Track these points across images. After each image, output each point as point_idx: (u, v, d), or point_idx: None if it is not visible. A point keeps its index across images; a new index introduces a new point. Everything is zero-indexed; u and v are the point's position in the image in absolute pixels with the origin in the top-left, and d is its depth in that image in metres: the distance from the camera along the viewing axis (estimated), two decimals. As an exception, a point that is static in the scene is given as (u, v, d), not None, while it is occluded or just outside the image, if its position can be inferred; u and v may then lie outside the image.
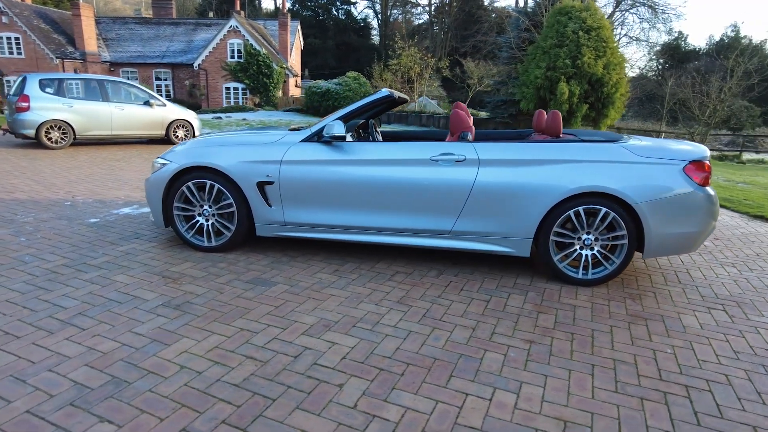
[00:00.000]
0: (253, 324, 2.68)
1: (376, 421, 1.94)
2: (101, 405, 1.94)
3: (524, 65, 14.89)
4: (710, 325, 2.95)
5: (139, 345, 2.41)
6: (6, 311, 2.68)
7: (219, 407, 1.97)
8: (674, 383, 2.31)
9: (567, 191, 3.27)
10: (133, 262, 3.51)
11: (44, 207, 4.93)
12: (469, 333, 2.70)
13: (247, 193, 3.64)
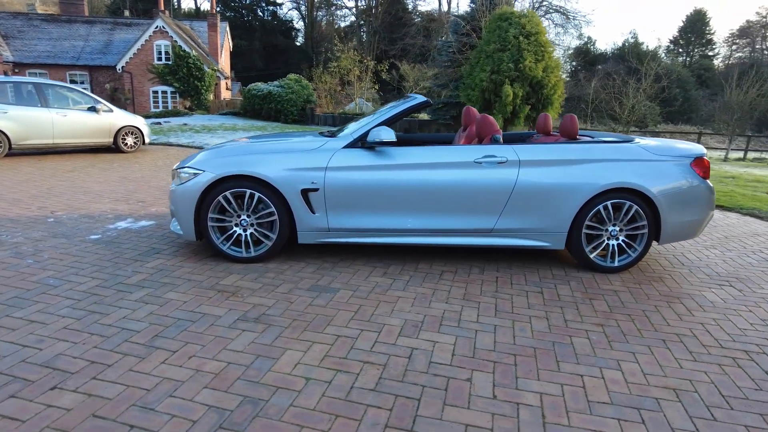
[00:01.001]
0: (345, 330, 2.69)
1: (522, 408, 2.06)
2: (254, 425, 1.89)
3: (468, 69, 15.55)
4: (729, 299, 3.39)
5: (246, 362, 2.34)
6: (75, 339, 2.47)
7: (373, 413, 2.00)
8: (734, 349, 2.66)
9: (598, 188, 3.59)
10: (175, 279, 3.33)
11: (26, 225, 4.47)
12: (545, 322, 2.90)
13: (291, 200, 3.58)
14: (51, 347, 2.39)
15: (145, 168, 8.11)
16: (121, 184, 6.60)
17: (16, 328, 2.56)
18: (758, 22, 52.67)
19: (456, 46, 17.40)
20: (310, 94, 19.87)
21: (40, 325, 2.60)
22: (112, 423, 1.86)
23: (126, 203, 5.52)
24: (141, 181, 6.93)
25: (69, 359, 2.29)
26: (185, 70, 22.69)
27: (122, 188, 6.34)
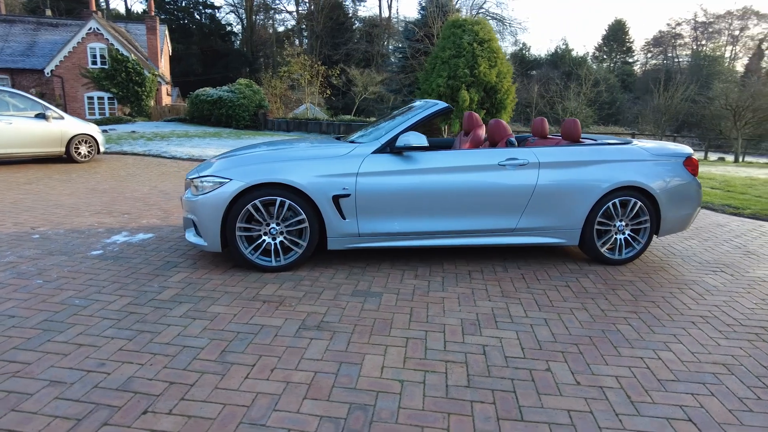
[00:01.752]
0: (410, 332, 2.74)
1: (607, 390, 2.22)
2: (374, 430, 1.91)
3: (424, 74, 15.92)
4: (726, 283, 3.78)
5: (331, 369, 2.33)
6: (139, 360, 2.34)
7: (479, 407, 2.07)
8: (753, 326, 2.98)
9: (609, 186, 3.87)
10: (211, 292, 3.21)
11: (10, 243, 4.10)
12: (585, 313, 3.09)
13: (322, 207, 3.56)
14: (118, 370, 2.25)
15: (108, 178, 7.63)
16: (93, 196, 6.19)
17: (67, 352, 2.39)
18: (669, 33, 57.84)
19: (409, 52, 17.75)
20: (262, 99, 19.44)
21: (92, 348, 2.44)
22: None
23: (110, 216, 5.19)
24: (113, 192, 6.53)
25: (145, 381, 2.17)
26: (124, 74, 21.45)
27: (96, 200, 5.95)
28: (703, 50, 51.76)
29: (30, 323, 2.68)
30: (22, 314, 2.78)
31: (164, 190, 6.88)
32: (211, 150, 11.56)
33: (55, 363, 2.29)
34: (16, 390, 2.07)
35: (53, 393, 2.06)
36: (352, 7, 44.90)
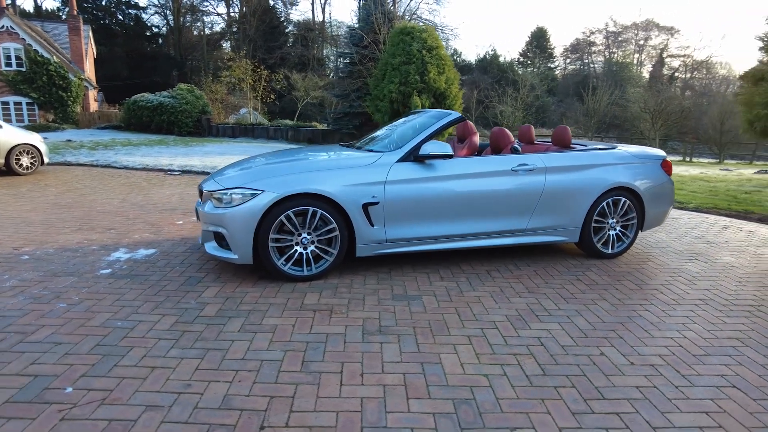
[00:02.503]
0: (467, 330, 2.91)
1: (658, 366, 2.52)
2: (487, 419, 2.06)
3: (374, 80, 16.14)
4: (705, 269, 4.31)
5: (416, 370, 2.45)
6: (225, 378, 2.33)
7: (564, 392, 2.28)
8: (746, 303, 3.45)
9: (604, 187, 4.28)
10: (257, 305, 3.19)
11: (0, 265, 3.79)
12: (606, 303, 3.43)
13: (352, 215, 3.64)
14: (209, 390, 2.23)
15: (65, 191, 7.11)
16: (61, 211, 5.77)
17: (143, 376, 2.31)
18: (584, 40, 62.47)
19: (357, 57, 17.91)
20: (205, 105, 18.70)
21: (167, 370, 2.38)
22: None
23: (94, 232, 4.90)
24: (79, 206, 6.12)
25: (244, 398, 2.17)
26: (45, 78, 19.74)
27: (68, 216, 5.56)
28: (615, 57, 56.45)
29: (83, 349, 2.55)
30: (68, 340, 2.63)
31: (136, 202, 6.54)
32: (165, 159, 11.03)
33: (139, 387, 2.22)
34: (115, 417, 2.00)
35: (157, 417, 2.01)
36: (284, 10, 44.29)
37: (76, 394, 2.15)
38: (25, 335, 2.67)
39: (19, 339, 2.63)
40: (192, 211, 6.10)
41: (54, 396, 2.13)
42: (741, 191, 9.00)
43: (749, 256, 4.80)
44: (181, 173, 9.64)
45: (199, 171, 9.77)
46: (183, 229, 5.17)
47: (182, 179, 8.84)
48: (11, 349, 2.52)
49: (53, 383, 2.22)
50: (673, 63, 55.83)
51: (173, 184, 8.18)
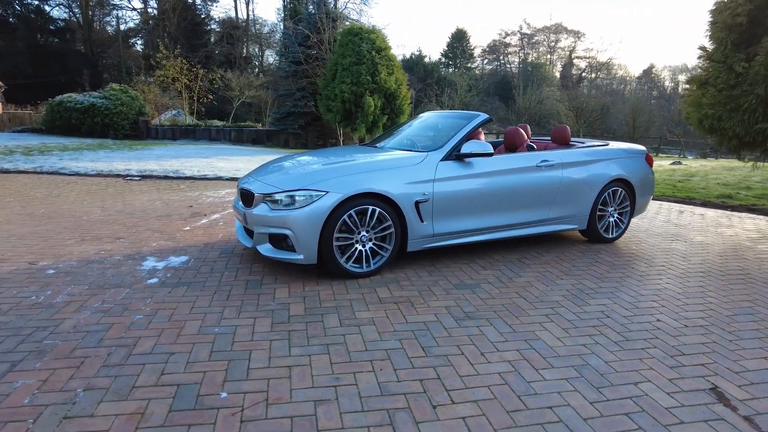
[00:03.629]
0: (544, 310, 3.23)
1: (740, 323, 3.02)
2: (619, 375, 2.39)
3: (324, 80, 16.13)
4: (687, 248, 5.00)
5: (528, 346, 2.72)
6: (366, 368, 2.45)
7: (656, 350, 2.67)
8: (738, 274, 4.11)
9: (607, 179, 4.82)
10: (336, 301, 3.28)
11: (31, 281, 3.52)
12: (635, 279, 3.92)
13: (406, 212, 3.83)
14: (361, 380, 2.35)
15: (28, 201, 6.51)
16: (43, 223, 5.32)
17: (285, 375, 2.37)
18: (501, 42, 66.10)
19: (302, 57, 17.76)
20: (141, 106, 17.49)
21: (305, 367, 2.45)
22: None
23: (103, 242, 4.63)
24: (59, 216, 5.67)
25: (397, 384, 2.32)
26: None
27: (57, 227, 5.16)
28: (530, 58, 60.33)
29: (201, 357, 2.53)
30: (178, 349, 2.60)
31: (120, 210, 6.17)
32: (118, 163, 10.33)
33: (292, 386, 2.28)
34: (292, 414, 2.07)
35: (332, 409, 2.11)
36: (204, 8, 42.39)
37: (234, 398, 2.17)
38: (129, 348, 2.59)
39: (126, 352, 2.55)
40: (191, 216, 5.91)
41: (214, 401, 2.14)
42: (675, 180, 10.27)
43: (713, 235, 5.62)
44: (142, 178, 9.13)
45: (160, 176, 9.30)
46: (197, 234, 5.03)
47: (148, 184, 8.39)
48: (126, 362, 2.45)
49: (203, 390, 2.22)
50: (580, 64, 60.98)
51: (143, 190, 7.76)
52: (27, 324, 2.83)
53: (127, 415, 2.01)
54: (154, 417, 2.01)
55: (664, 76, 56.70)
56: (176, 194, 7.46)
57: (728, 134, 6.32)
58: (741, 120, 6.06)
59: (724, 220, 6.43)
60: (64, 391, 2.17)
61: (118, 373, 2.34)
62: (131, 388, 2.21)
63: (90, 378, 2.28)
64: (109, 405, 2.08)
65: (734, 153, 7.12)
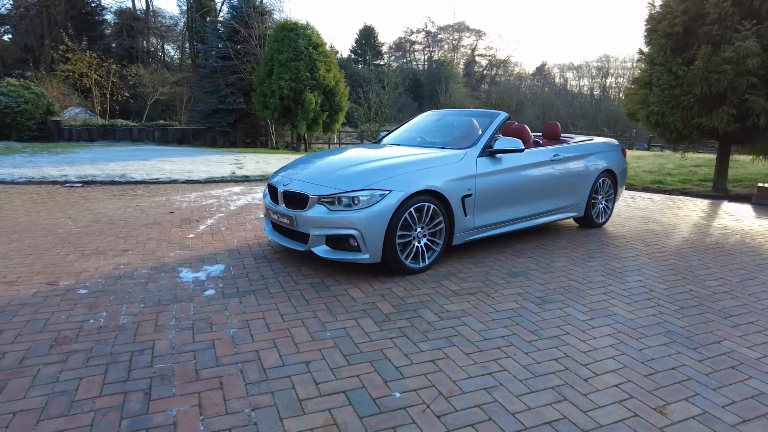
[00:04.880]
0: (596, 289, 3.58)
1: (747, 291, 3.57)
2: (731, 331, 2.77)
3: (259, 76, 15.52)
4: (662, 228, 5.73)
5: (611, 321, 3.03)
6: (509, 354, 2.59)
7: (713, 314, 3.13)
8: (719, 246, 4.83)
9: (599, 170, 5.37)
10: (418, 297, 3.36)
11: (72, 303, 3.14)
12: (648, 258, 4.45)
13: (454, 207, 3.98)
14: (510, 365, 2.49)
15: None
16: (14, 240, 4.68)
17: (435, 369, 2.43)
18: (406, 39, 67.90)
19: (232, 52, 16.95)
20: (50, 104, 15.43)
21: (448, 360, 2.52)
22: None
23: (112, 256, 4.21)
24: (29, 231, 5.01)
25: (551, 363, 2.50)
26: None
27: (38, 243, 4.57)
28: (436, 56, 62.71)
29: (337, 361, 2.49)
30: (309, 357, 2.53)
31: (96, 219, 5.58)
32: (50, 169, 9.16)
33: (453, 377, 2.35)
34: (484, 402, 2.16)
35: (516, 390, 2.23)
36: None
37: (409, 396, 2.19)
38: (255, 362, 2.47)
39: (257, 367, 2.43)
40: (182, 223, 5.53)
41: (394, 402, 2.15)
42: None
43: (673, 215, 6.47)
44: (85, 184, 8.23)
45: (106, 181, 8.46)
46: (208, 242, 4.76)
47: (98, 191, 7.61)
48: (268, 377, 2.34)
49: (373, 393, 2.22)
50: (482, 62, 64.71)
51: (98, 197, 7.03)
52: (115, 350, 2.57)
53: (323, 428, 1.97)
54: (350, 426, 1.98)
55: (555, 73, 61.88)
56: (141, 200, 6.88)
57: (670, 128, 7.29)
58: (681, 116, 7.03)
59: (671, 203, 7.40)
60: (233, 414, 2.05)
61: (269, 388, 2.24)
62: (299, 402, 2.14)
63: (245, 397, 2.17)
64: (295, 421, 2.01)
65: (673, 144, 8.18)
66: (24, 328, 2.79)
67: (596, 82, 55.31)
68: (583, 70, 56.97)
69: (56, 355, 2.50)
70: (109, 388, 2.20)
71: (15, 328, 2.80)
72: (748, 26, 6.20)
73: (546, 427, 1.99)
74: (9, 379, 2.27)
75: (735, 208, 7.04)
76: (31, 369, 2.36)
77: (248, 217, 5.95)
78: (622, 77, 52.60)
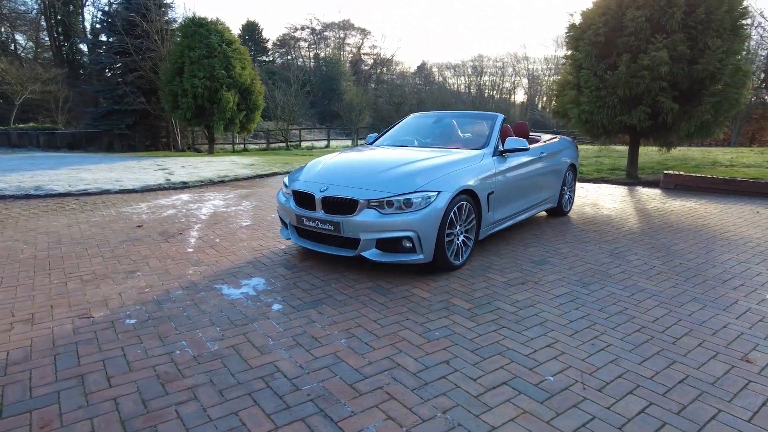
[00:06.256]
0: (617, 269, 4.09)
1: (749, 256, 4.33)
2: (726, 305, 3.37)
3: (167, 74, 14.23)
4: (618, 212, 6.59)
5: (647, 295, 3.52)
6: (623, 332, 2.90)
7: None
8: (680, 226, 5.73)
9: (567, 165, 6.02)
10: (481, 290, 3.55)
11: (127, 336, 2.80)
12: (630, 236, 5.14)
13: (483, 205, 4.24)
14: (644, 351, 2.80)
15: None
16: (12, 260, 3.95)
17: (561, 351, 2.67)
18: (291, 36, 66.54)
19: (131, 48, 15.32)
20: None
21: (567, 346, 2.77)
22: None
23: (122, 280, 3.75)
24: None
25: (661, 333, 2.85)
26: None
27: (15, 270, 3.89)
28: (323, 54, 62.46)
29: (470, 358, 2.60)
30: (443, 357, 2.59)
31: (54, 239, 4.85)
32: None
33: (593, 362, 2.60)
34: (639, 373, 2.43)
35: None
36: None
37: (562, 378, 2.40)
38: (398, 369, 2.48)
39: (405, 374, 2.43)
40: (164, 236, 5.06)
41: (553, 385, 2.33)
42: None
43: (615, 201, 7.44)
44: (-7, 201, 7.01)
45: (20, 195, 7.28)
46: (217, 255, 4.45)
47: (21, 207, 6.54)
48: (425, 381, 2.37)
49: (529, 380, 2.37)
50: (368, 60, 65.90)
51: (24, 214, 6.07)
52: (241, 378, 2.39)
53: (518, 417, 2.09)
54: (539, 411, 2.13)
55: (434, 72, 65.16)
56: (87, 215, 6.11)
57: (597, 125, 8.34)
58: (606, 114, 8.10)
59: (602, 191, 8.46)
60: (430, 420, 2.07)
61: (438, 390, 2.28)
62: (477, 398, 2.23)
63: (425, 402, 2.19)
64: (489, 416, 2.10)
65: (597, 139, 9.33)
66: (108, 369, 2.45)
67: (472, 80, 59.58)
68: (460, 69, 60.94)
69: (179, 393, 2.26)
70: (280, 418, 2.07)
71: (95, 370, 2.44)
72: (659, 39, 7.36)
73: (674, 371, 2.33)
74: (155, 425, 2.02)
75: (652, 192, 8.29)
76: (168, 412, 2.11)
77: (232, 226, 5.61)
78: (495, 75, 57.50)
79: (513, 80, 57.61)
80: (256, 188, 8.70)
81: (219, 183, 9.29)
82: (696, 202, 7.30)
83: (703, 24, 7.30)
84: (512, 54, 66.46)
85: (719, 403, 2.21)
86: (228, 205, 6.98)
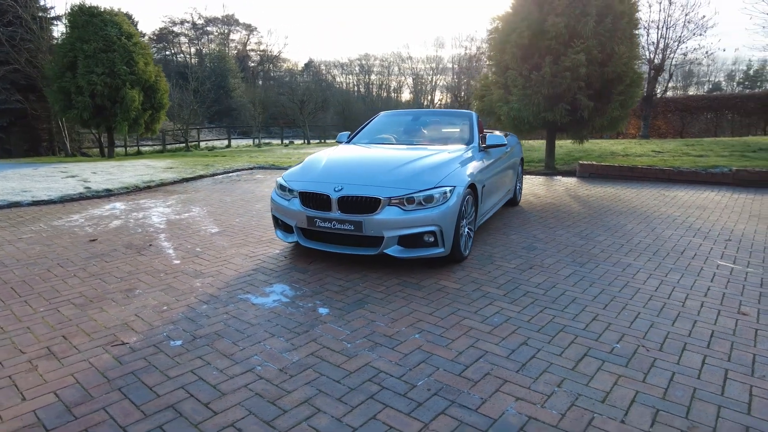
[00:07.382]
0: (597, 250, 4.61)
1: (666, 238, 5.08)
2: None
3: (56, 69, 12.41)
4: (554, 199, 7.31)
5: (658, 274, 4.06)
6: (678, 304, 3.29)
7: (679, 254, 4.47)
8: (616, 211, 6.54)
9: (518, 159, 6.58)
10: (503, 279, 3.78)
11: (194, 361, 2.57)
12: (596, 220, 5.77)
13: (480, 197, 4.50)
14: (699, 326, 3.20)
15: None
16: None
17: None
18: (168, 30, 61.56)
19: (3, 37, 13.11)
20: None
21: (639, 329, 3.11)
22: None
23: (124, 300, 3.36)
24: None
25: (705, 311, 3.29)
26: None
27: (3, 294, 3.29)
28: (206, 50, 58.87)
29: (532, 352, 2.82)
30: (515, 342, 2.78)
31: (15, 259, 4.16)
32: None
33: (663, 323, 2.95)
34: (661, 338, 2.81)
35: (665, 328, 2.95)
36: None
37: (627, 346, 2.71)
38: (490, 356, 2.61)
39: (515, 364, 2.58)
40: (132, 249, 4.58)
41: (624, 350, 2.64)
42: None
43: (547, 190, 8.22)
44: None
45: None
46: (210, 265, 4.17)
47: None
48: (530, 364, 2.53)
49: (600, 350, 2.65)
50: (255, 57, 63.57)
51: None
52: (349, 384, 2.34)
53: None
54: (653, 380, 2.41)
55: (322, 70, 64.77)
56: (11, 232, 5.27)
57: (524, 121, 9.13)
58: (532, 111, 8.90)
59: (530, 181, 9.29)
60: (557, 395, 2.24)
61: (545, 369, 2.46)
62: (583, 371, 2.45)
63: (538, 380, 2.35)
64: (597, 384, 2.33)
65: (521, 135, 10.14)
66: (196, 395, 2.24)
67: (360, 78, 60.29)
68: (347, 67, 61.29)
69: (297, 409, 2.15)
70: (422, 415, 2.08)
71: (182, 398, 2.21)
72: (578, 43, 8.29)
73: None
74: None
75: (572, 181, 9.29)
76: (301, 428, 2.01)
77: (202, 234, 5.23)
78: (381, 74, 58.82)
79: (398, 79, 59.31)
80: (192, 193, 8.10)
81: (146, 189, 8.48)
82: (612, 187, 8.37)
83: (609, 32, 8.36)
84: (396, 53, 69.06)
85: (745, 346, 2.68)
86: (177, 212, 6.45)
